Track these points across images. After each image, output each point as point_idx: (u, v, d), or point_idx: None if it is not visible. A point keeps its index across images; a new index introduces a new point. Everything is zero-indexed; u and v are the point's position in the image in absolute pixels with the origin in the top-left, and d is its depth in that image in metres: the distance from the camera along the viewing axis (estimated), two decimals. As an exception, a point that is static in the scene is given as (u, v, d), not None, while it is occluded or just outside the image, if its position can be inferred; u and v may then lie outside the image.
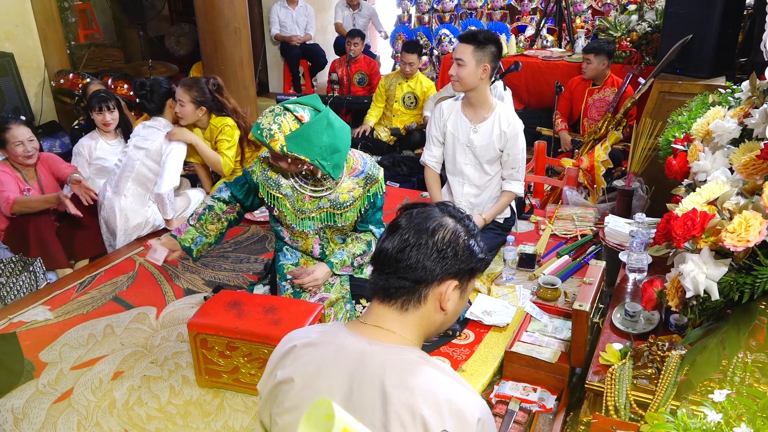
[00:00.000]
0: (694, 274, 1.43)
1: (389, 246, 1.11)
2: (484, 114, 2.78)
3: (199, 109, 3.38)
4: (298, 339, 1.16)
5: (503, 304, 2.55)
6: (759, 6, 3.38)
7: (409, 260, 1.08)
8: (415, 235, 1.09)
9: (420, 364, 1.05)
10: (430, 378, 1.03)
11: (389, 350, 1.07)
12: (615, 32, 4.63)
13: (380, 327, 1.11)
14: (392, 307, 1.11)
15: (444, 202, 1.20)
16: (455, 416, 1.00)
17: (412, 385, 1.02)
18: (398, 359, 1.05)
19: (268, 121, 2.05)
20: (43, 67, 4.92)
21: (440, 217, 1.13)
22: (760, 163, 1.57)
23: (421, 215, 1.13)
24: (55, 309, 2.69)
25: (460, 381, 1.07)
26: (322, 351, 1.11)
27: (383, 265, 1.11)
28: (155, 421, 2.03)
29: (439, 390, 1.02)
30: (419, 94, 4.93)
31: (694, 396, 1.50)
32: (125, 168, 3.30)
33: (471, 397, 1.05)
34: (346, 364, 1.07)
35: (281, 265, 2.38)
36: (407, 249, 1.09)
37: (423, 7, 6.70)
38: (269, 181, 2.26)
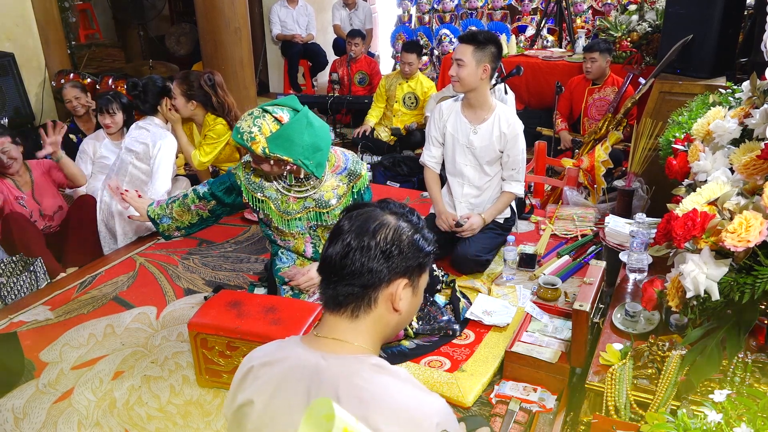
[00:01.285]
0: (694, 274, 1.42)
1: (332, 252, 1.08)
2: (484, 115, 2.78)
3: (190, 103, 3.37)
4: (255, 359, 1.13)
5: (503, 304, 2.55)
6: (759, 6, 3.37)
7: (354, 265, 1.05)
8: (356, 238, 1.06)
9: (374, 373, 1.02)
10: (384, 387, 1.01)
11: (343, 362, 1.04)
12: (615, 32, 4.63)
13: (335, 339, 1.07)
14: (343, 315, 1.08)
15: (385, 200, 1.15)
16: (412, 424, 0.97)
17: (365, 398, 0.99)
18: (351, 371, 1.02)
19: (248, 125, 2.04)
20: (44, 66, 4.92)
21: (381, 216, 1.09)
22: (760, 164, 1.56)
23: (361, 217, 1.09)
24: (55, 309, 2.69)
25: (416, 386, 1.04)
26: (278, 369, 1.08)
27: (329, 273, 1.08)
28: (155, 420, 2.03)
29: (393, 399, 0.99)
30: (419, 94, 4.93)
31: (695, 396, 1.50)
32: (119, 171, 3.29)
33: (428, 401, 1.02)
34: (302, 381, 1.04)
35: (278, 269, 2.38)
36: (350, 253, 1.05)
37: (423, 7, 6.70)
38: (253, 184, 2.26)
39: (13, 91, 4.56)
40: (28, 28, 4.78)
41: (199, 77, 3.39)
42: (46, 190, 3.28)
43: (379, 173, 4.44)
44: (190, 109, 3.41)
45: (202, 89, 3.36)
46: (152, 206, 2.37)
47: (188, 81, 3.35)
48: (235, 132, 2.07)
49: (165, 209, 2.36)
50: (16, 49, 4.65)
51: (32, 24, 4.80)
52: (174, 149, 3.33)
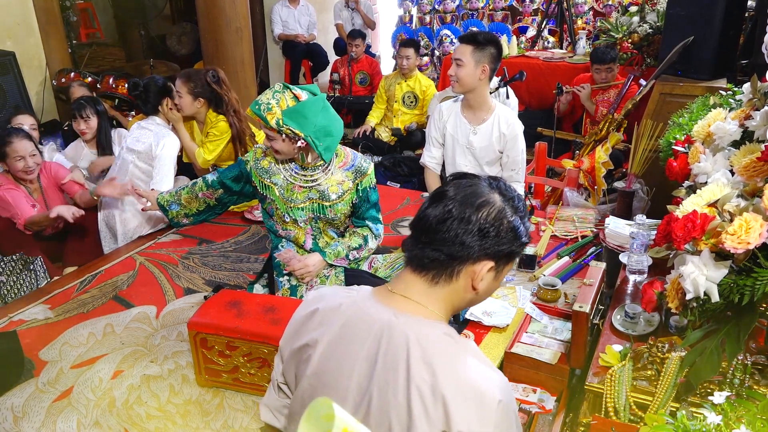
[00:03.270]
0: (694, 275, 1.42)
1: (430, 214, 1.06)
2: (484, 116, 2.78)
3: (197, 101, 3.35)
4: (322, 301, 1.14)
5: (503, 305, 2.55)
6: (760, 8, 3.37)
7: (448, 233, 1.03)
8: (459, 208, 1.04)
9: (445, 342, 1.03)
10: (454, 357, 1.01)
11: (415, 324, 1.04)
12: (616, 34, 4.63)
13: (409, 298, 1.07)
14: (423, 278, 1.07)
15: (495, 178, 1.13)
16: (477, 398, 0.98)
17: (435, 363, 0.99)
18: (423, 334, 1.03)
19: (267, 97, 2.14)
20: (45, 65, 4.93)
21: (488, 192, 1.08)
22: (760, 165, 1.56)
23: (469, 187, 1.08)
24: (55, 307, 2.69)
25: (483, 360, 1.05)
26: (348, 317, 1.08)
27: (421, 233, 1.07)
28: (155, 420, 2.03)
29: (461, 370, 1.00)
30: (418, 93, 4.94)
31: (694, 398, 1.50)
32: (120, 171, 3.29)
33: (494, 378, 1.02)
34: (372, 335, 1.04)
35: (278, 262, 2.39)
36: (448, 221, 1.04)
37: (424, 8, 6.71)
38: (261, 170, 2.31)
39: (14, 90, 4.56)
40: (29, 27, 4.78)
41: (203, 74, 3.38)
42: (55, 194, 3.25)
43: (380, 173, 4.45)
44: (197, 107, 3.39)
45: (208, 86, 3.35)
46: (162, 194, 2.47)
47: (193, 79, 3.34)
48: (253, 103, 2.14)
49: (174, 196, 2.44)
50: (17, 48, 4.65)
51: (33, 23, 4.80)
52: (177, 148, 3.33)
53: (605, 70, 4.23)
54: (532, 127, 4.55)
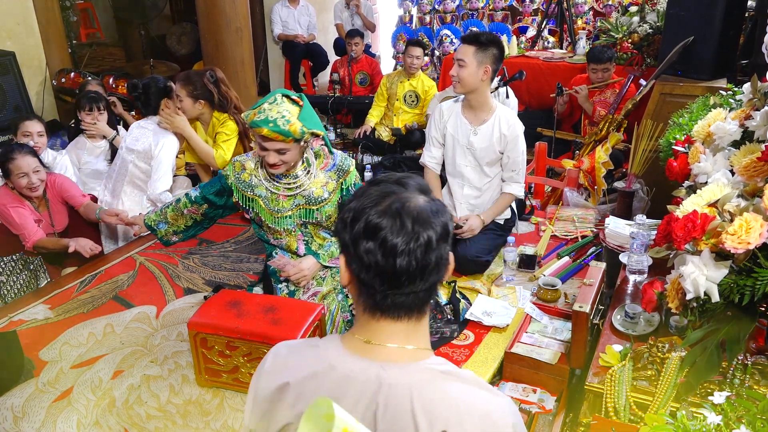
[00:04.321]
0: (694, 275, 1.42)
1: (395, 263, 0.94)
2: (484, 116, 2.78)
3: (198, 103, 3.33)
4: (287, 371, 1.00)
5: (503, 305, 2.55)
6: (760, 8, 3.38)
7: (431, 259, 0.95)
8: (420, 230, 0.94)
9: (445, 382, 0.96)
10: (459, 395, 0.95)
11: (407, 372, 0.96)
12: (616, 34, 4.63)
13: (390, 345, 0.98)
14: (408, 321, 0.99)
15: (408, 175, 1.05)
16: (494, 429, 0.94)
17: (443, 410, 0.93)
18: (420, 382, 0.95)
19: (276, 112, 2.07)
20: (45, 65, 4.92)
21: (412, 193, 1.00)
22: (760, 166, 1.57)
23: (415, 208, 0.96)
24: (55, 307, 2.69)
25: (486, 387, 0.99)
26: (330, 386, 0.97)
27: (407, 278, 0.95)
28: (155, 420, 2.03)
29: (471, 406, 0.94)
30: (420, 92, 4.94)
31: (694, 398, 1.50)
32: (119, 171, 3.29)
33: (502, 403, 0.98)
34: (363, 397, 0.95)
35: (274, 269, 2.39)
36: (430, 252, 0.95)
37: (424, 8, 6.70)
38: (243, 183, 2.29)
39: (14, 90, 4.56)
40: (29, 27, 4.78)
41: (201, 76, 3.37)
42: (60, 207, 3.16)
43: (380, 173, 4.44)
44: (198, 109, 3.36)
45: (206, 87, 3.33)
46: (148, 214, 2.45)
47: (192, 82, 3.31)
48: (264, 123, 2.06)
49: (160, 215, 2.42)
50: (17, 48, 4.65)
51: (33, 23, 4.80)
52: (176, 148, 3.32)
53: (602, 70, 4.22)
54: (532, 127, 4.54)
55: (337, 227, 1.01)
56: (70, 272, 3.09)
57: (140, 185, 3.30)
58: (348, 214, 0.98)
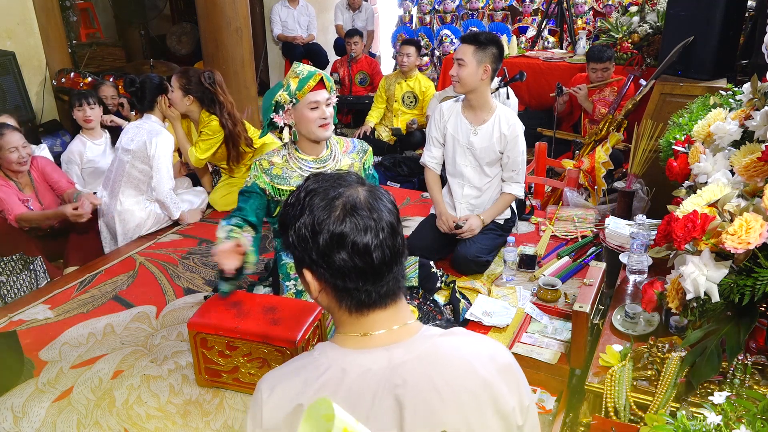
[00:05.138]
0: (694, 275, 1.42)
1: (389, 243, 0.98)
2: (484, 116, 2.78)
3: (186, 98, 3.38)
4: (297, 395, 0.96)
5: (503, 305, 2.55)
6: (760, 8, 3.38)
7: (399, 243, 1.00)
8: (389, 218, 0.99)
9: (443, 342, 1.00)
10: (461, 348, 1.00)
11: (412, 346, 0.98)
12: (616, 34, 4.63)
13: (385, 330, 1.00)
14: (396, 302, 1.01)
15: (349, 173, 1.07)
16: (503, 369, 1.01)
17: (454, 367, 0.97)
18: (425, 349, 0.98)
19: (307, 67, 2.20)
20: (45, 65, 4.92)
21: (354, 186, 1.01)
22: (761, 166, 1.56)
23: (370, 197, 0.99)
24: (55, 308, 2.69)
25: (477, 336, 1.06)
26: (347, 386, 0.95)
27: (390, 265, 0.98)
28: (155, 420, 2.03)
29: (475, 353, 0.99)
30: (418, 93, 4.95)
31: (694, 398, 1.50)
32: (117, 171, 3.29)
33: (497, 345, 1.05)
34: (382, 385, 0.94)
35: (284, 264, 2.39)
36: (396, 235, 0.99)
37: (424, 8, 6.70)
38: (277, 178, 2.29)
39: (13, 90, 4.56)
40: (29, 27, 4.78)
41: (199, 74, 3.41)
42: (46, 188, 3.28)
43: (380, 173, 4.44)
44: (186, 104, 3.42)
45: (200, 85, 3.38)
46: (248, 263, 2.16)
47: (187, 76, 3.38)
48: (311, 75, 2.16)
49: (253, 255, 2.20)
50: (17, 48, 4.64)
51: (33, 23, 4.79)
52: (171, 145, 3.34)
53: (601, 70, 4.22)
54: (532, 127, 4.54)
55: (292, 244, 0.99)
56: (70, 272, 3.09)
57: (138, 186, 3.31)
58: (303, 230, 0.96)
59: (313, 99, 2.19)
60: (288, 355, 2.00)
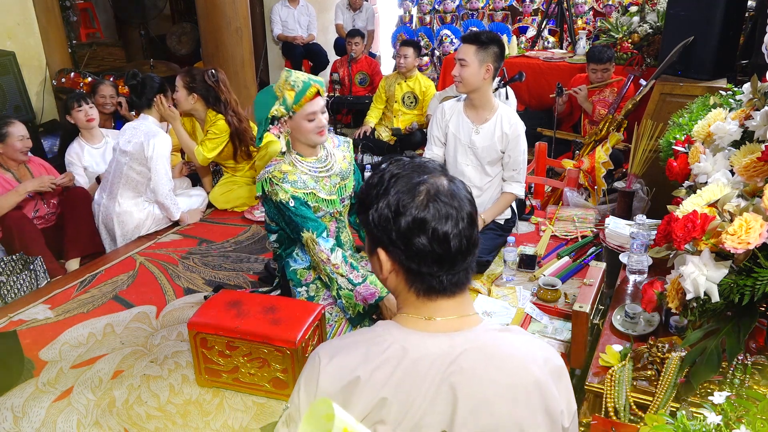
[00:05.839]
0: (694, 275, 1.42)
1: (466, 232, 1.00)
2: (486, 115, 2.78)
3: (191, 96, 3.41)
4: (356, 366, 0.99)
5: (503, 305, 2.55)
6: (760, 8, 3.38)
7: (475, 234, 1.02)
8: (461, 224, 0.99)
9: (503, 337, 1.03)
10: (519, 345, 1.02)
11: (474, 336, 1.01)
12: (616, 34, 4.63)
13: (450, 318, 1.02)
14: (463, 292, 1.04)
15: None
16: (556, 373, 1.02)
17: (511, 362, 0.99)
18: (486, 341, 1.01)
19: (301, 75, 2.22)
20: (45, 65, 4.92)
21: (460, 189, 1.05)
22: (761, 166, 1.56)
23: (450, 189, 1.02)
24: (55, 307, 2.69)
25: (533, 336, 1.09)
26: (405, 365, 0.97)
27: (461, 256, 1.00)
28: (155, 420, 2.03)
29: (531, 353, 1.02)
30: (418, 93, 4.95)
31: (694, 398, 1.50)
32: (115, 173, 3.29)
33: (550, 348, 1.07)
34: (439, 370, 0.97)
35: (293, 270, 2.37)
36: (473, 226, 1.01)
37: (424, 8, 6.70)
38: (296, 184, 2.25)
39: (13, 90, 4.56)
40: (29, 27, 4.78)
41: (203, 72, 3.44)
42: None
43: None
44: (191, 103, 3.44)
45: (204, 83, 3.41)
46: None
47: (191, 74, 3.42)
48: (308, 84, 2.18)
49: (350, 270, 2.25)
50: (17, 48, 4.64)
51: (33, 23, 4.79)
52: (168, 146, 3.32)
53: (602, 70, 4.22)
54: (532, 127, 4.53)
55: (371, 222, 1.02)
56: (70, 272, 3.09)
57: (137, 187, 3.30)
58: (387, 211, 0.99)
59: (310, 110, 2.19)
60: (288, 355, 2.00)
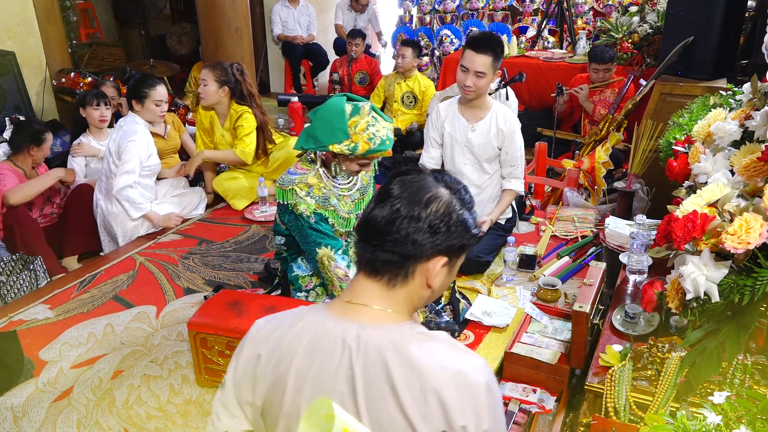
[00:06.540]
0: (694, 275, 1.42)
1: (378, 215, 1.03)
2: (481, 113, 2.80)
3: (222, 89, 3.45)
4: (268, 342, 1.08)
5: (503, 305, 2.55)
6: (760, 8, 3.38)
7: (399, 233, 1.01)
8: (407, 206, 1.02)
9: (419, 340, 1.01)
10: (432, 353, 1.00)
11: (385, 332, 1.01)
12: (616, 34, 4.62)
13: (370, 306, 1.04)
14: (379, 282, 1.04)
15: (440, 171, 1.12)
16: (467, 386, 0.98)
17: (416, 365, 0.98)
18: (396, 340, 1.00)
19: (382, 127, 2.12)
20: (45, 65, 4.91)
21: (435, 187, 1.05)
22: (760, 166, 1.57)
23: (414, 184, 1.05)
24: (55, 307, 2.69)
25: (460, 348, 1.04)
26: (308, 344, 1.03)
27: (370, 236, 1.03)
28: (155, 420, 2.03)
29: (443, 364, 0.99)
30: (418, 93, 4.95)
31: (694, 398, 1.50)
32: (107, 173, 3.28)
33: (475, 362, 1.02)
34: (342, 355, 1.00)
35: (295, 275, 2.37)
36: (398, 220, 1.01)
37: (424, 8, 6.70)
38: (319, 200, 2.23)
39: (13, 90, 4.56)
40: (29, 27, 4.77)
41: (230, 66, 3.50)
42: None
43: (380, 173, 4.43)
44: (220, 96, 3.48)
45: (233, 76, 3.46)
46: None
47: (221, 68, 3.46)
48: (385, 146, 2.13)
49: None
50: (17, 48, 4.64)
51: (33, 23, 4.79)
52: (143, 143, 3.23)
53: (603, 71, 4.21)
54: (533, 127, 4.54)
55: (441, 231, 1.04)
56: (70, 272, 3.09)
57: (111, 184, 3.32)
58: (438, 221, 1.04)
59: (366, 161, 2.20)
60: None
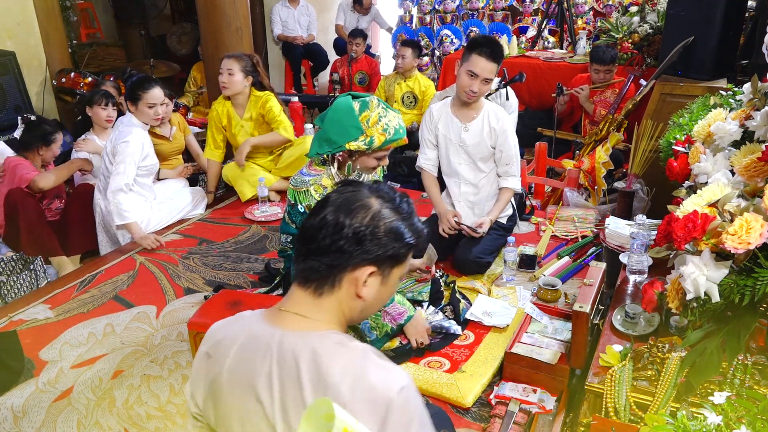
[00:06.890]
0: (694, 276, 1.42)
1: (309, 224, 1.05)
2: (474, 113, 2.81)
3: (247, 79, 3.56)
4: (211, 342, 1.14)
5: (503, 305, 2.55)
6: (760, 8, 3.38)
7: (324, 241, 1.02)
8: (333, 214, 1.03)
9: (335, 352, 1.00)
10: (346, 366, 0.98)
11: (304, 339, 1.02)
12: (616, 34, 4.62)
13: (296, 314, 1.05)
14: (308, 291, 1.05)
15: (378, 182, 1.13)
16: (373, 397, 0.95)
17: (326, 378, 0.97)
18: (312, 347, 1.00)
19: (393, 117, 2.15)
20: (45, 65, 4.92)
21: (366, 197, 1.06)
22: (761, 166, 1.57)
23: (348, 194, 1.06)
24: (55, 307, 2.69)
25: (377, 361, 1.00)
26: (240, 345, 1.07)
27: (302, 245, 1.05)
28: (155, 420, 2.03)
29: (355, 377, 0.97)
30: (418, 93, 4.95)
31: (694, 398, 1.50)
32: (104, 172, 3.28)
33: (388, 377, 0.98)
34: (265, 358, 1.02)
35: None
36: (323, 228, 1.02)
37: (424, 8, 6.70)
38: None
39: (14, 90, 4.56)
40: (30, 27, 4.78)
41: (251, 56, 3.62)
42: None
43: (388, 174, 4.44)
44: (245, 85, 3.57)
45: (256, 67, 3.59)
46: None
47: (245, 59, 3.56)
48: (399, 134, 2.15)
49: None
50: (17, 48, 4.65)
51: (33, 23, 4.79)
52: (138, 143, 3.19)
53: (604, 71, 4.21)
54: (533, 128, 4.54)
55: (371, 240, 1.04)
56: (70, 272, 3.09)
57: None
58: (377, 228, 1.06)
59: (383, 153, 2.20)
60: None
